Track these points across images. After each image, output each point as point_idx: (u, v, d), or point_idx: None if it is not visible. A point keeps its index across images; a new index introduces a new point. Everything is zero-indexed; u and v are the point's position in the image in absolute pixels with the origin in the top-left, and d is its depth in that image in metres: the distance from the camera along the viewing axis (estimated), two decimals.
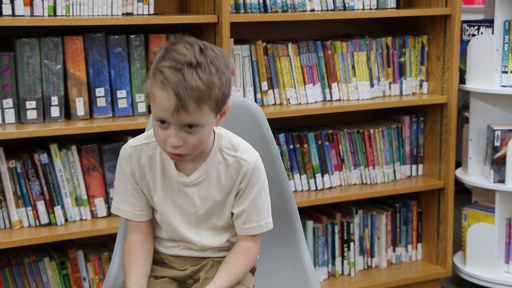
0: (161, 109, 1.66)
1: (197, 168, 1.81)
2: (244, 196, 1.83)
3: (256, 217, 1.84)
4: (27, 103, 2.64)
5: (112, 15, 2.75)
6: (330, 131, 3.22)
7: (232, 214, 1.85)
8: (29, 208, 2.67)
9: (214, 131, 1.82)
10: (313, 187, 3.19)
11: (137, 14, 2.80)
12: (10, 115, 2.63)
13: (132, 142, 1.85)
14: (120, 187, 1.86)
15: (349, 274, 3.33)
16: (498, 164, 3.34)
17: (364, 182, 3.31)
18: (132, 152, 1.83)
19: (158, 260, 1.88)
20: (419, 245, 3.51)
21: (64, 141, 2.78)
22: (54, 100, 2.67)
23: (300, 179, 3.16)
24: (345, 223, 3.29)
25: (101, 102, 2.75)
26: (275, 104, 3.08)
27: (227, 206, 1.84)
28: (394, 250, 3.46)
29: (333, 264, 3.30)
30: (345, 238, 3.30)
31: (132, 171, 1.84)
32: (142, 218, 1.86)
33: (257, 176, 1.83)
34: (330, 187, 3.23)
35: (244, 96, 3.00)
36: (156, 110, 1.68)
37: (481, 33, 3.40)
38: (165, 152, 1.76)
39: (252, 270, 1.94)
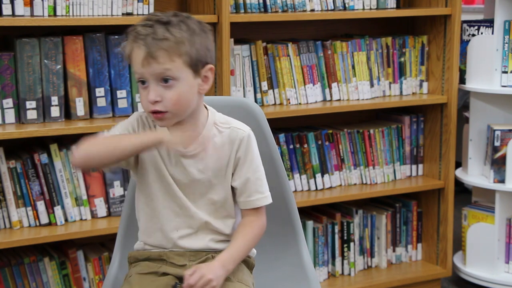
0: (136, 64, 1.76)
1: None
2: (247, 165, 1.86)
3: (260, 187, 1.88)
4: (27, 103, 2.64)
5: (112, 15, 2.75)
6: (330, 131, 3.22)
7: (234, 191, 1.88)
8: (29, 208, 2.67)
9: (206, 107, 1.88)
10: (313, 187, 3.19)
11: (137, 14, 2.80)
12: (10, 115, 2.63)
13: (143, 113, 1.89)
14: (118, 127, 1.86)
15: (349, 274, 3.33)
16: (498, 164, 3.34)
17: (364, 182, 3.31)
18: (140, 123, 1.87)
19: (156, 257, 1.88)
20: (419, 245, 3.51)
21: (64, 141, 2.78)
22: (54, 100, 2.67)
23: (300, 179, 3.16)
24: (345, 223, 3.29)
25: (101, 102, 2.75)
26: (275, 104, 3.08)
27: (226, 178, 1.87)
28: (394, 250, 3.46)
29: (333, 264, 3.30)
30: (345, 238, 3.30)
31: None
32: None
33: (254, 146, 1.88)
34: (330, 187, 3.23)
35: (244, 96, 3.00)
36: (134, 69, 1.77)
37: (481, 33, 3.40)
38: (151, 118, 1.81)
39: (250, 268, 1.94)
